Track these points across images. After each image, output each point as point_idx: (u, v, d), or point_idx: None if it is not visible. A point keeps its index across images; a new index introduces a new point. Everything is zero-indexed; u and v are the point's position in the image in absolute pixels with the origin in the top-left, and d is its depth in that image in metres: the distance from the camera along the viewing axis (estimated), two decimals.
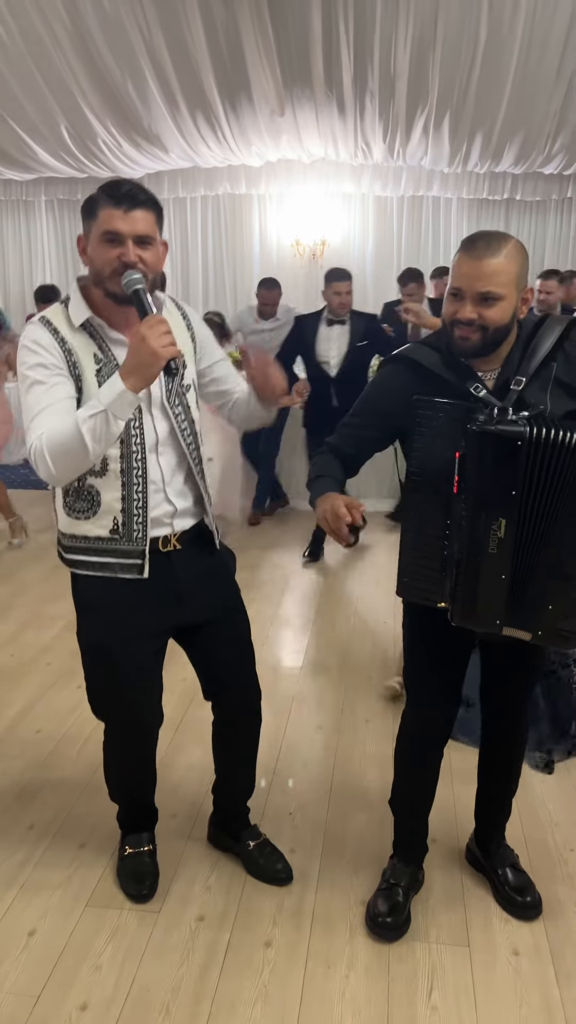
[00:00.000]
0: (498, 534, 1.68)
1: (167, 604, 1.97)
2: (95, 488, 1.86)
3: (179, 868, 2.30)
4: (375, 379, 1.97)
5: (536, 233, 7.31)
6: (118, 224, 1.69)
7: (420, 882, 2.22)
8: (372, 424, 1.92)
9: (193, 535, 2.00)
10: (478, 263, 1.67)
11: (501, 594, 1.73)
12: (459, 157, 6.22)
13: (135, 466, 1.85)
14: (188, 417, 1.94)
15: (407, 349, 1.89)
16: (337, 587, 4.60)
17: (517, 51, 4.95)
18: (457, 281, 1.70)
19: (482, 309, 1.69)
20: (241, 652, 2.16)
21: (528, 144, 5.93)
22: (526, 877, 2.21)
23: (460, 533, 1.71)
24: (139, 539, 1.89)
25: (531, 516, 1.68)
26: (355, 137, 6.07)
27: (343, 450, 1.97)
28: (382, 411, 1.89)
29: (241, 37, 5.02)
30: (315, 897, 2.21)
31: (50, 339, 1.78)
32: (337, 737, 3.01)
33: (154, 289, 1.79)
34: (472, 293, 1.68)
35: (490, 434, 1.64)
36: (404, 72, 5.20)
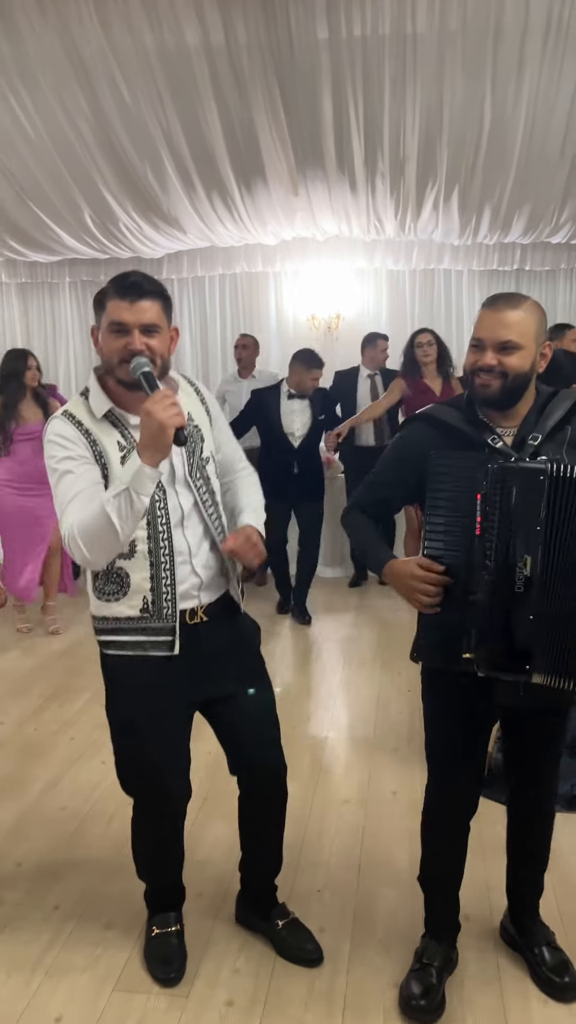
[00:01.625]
0: (524, 571, 1.68)
1: (196, 678, 1.98)
2: (124, 570, 1.90)
3: (207, 949, 2.25)
4: (397, 438, 2.02)
5: (547, 302, 7.43)
6: (124, 315, 1.78)
7: (454, 962, 2.15)
8: (395, 482, 1.97)
9: (219, 606, 2.03)
10: (498, 314, 1.77)
11: (530, 635, 1.70)
12: (468, 230, 6.40)
13: (162, 545, 1.89)
14: (209, 488, 1.99)
15: (428, 408, 1.97)
16: (358, 655, 4.57)
17: (521, 133, 5.14)
18: (479, 332, 1.80)
19: (502, 357, 1.77)
20: (266, 726, 2.14)
21: (535, 216, 6.10)
22: (563, 955, 2.13)
23: (484, 576, 1.71)
24: (169, 616, 1.92)
25: (558, 553, 1.69)
26: (367, 214, 6.27)
27: (370, 508, 2.02)
28: (404, 468, 1.93)
29: (255, 124, 5.26)
30: (346, 979, 2.15)
31: (75, 432, 1.86)
32: (364, 811, 2.96)
33: (163, 374, 1.87)
34: (492, 342, 1.77)
35: (512, 470, 1.69)
36: (413, 154, 5.41)
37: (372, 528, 2.01)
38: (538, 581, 1.68)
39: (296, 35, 4.65)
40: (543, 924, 2.20)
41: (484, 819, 2.23)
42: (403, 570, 1.81)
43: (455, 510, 1.75)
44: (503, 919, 2.29)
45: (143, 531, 1.88)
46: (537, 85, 4.86)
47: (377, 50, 4.72)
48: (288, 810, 2.26)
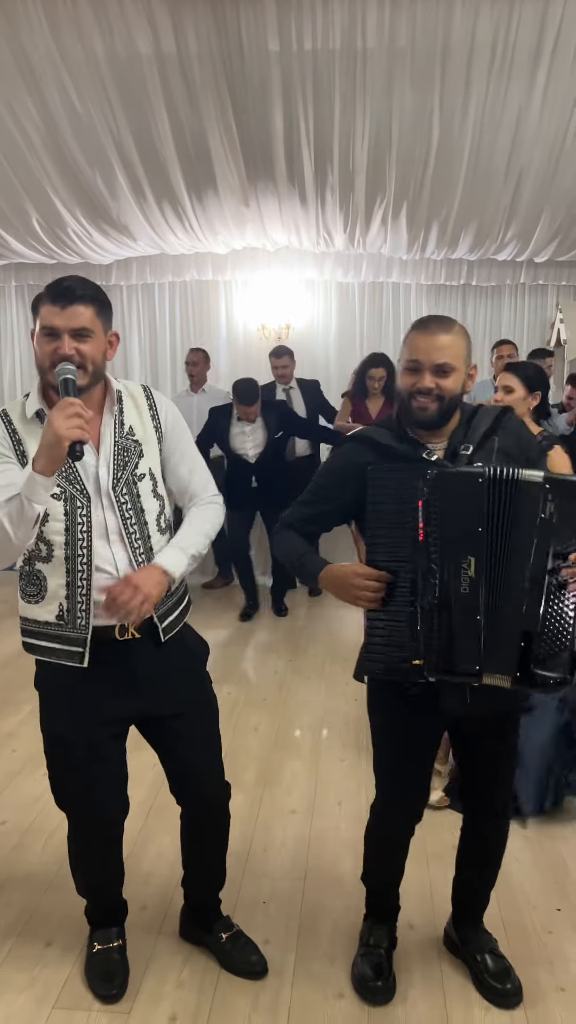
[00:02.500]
0: (468, 572, 1.71)
1: (121, 693, 1.93)
2: (42, 573, 1.88)
3: (150, 964, 2.22)
4: (329, 459, 2.06)
5: (492, 317, 7.59)
6: (55, 320, 1.75)
7: (395, 939, 2.22)
8: (328, 499, 1.98)
9: (153, 625, 1.95)
10: (434, 338, 1.81)
11: (477, 636, 1.72)
12: (417, 245, 6.49)
13: (79, 553, 1.85)
14: (137, 508, 1.89)
15: (360, 430, 2.01)
16: (306, 666, 4.58)
17: (468, 151, 5.25)
18: (415, 355, 1.82)
19: (439, 379, 1.81)
20: (207, 750, 2.10)
21: (482, 233, 6.22)
22: (505, 962, 2.16)
23: (430, 581, 1.73)
24: (82, 627, 1.88)
25: (500, 552, 1.72)
26: (317, 227, 6.32)
27: (301, 528, 2.02)
28: (336, 487, 1.96)
29: (206, 133, 5.27)
30: (291, 991, 2.14)
31: (3, 430, 1.85)
32: (310, 822, 2.95)
33: (97, 381, 1.84)
34: (430, 364, 1.80)
35: (450, 475, 1.74)
36: (362, 168, 5.47)
37: (304, 542, 2.01)
38: (483, 581, 1.72)
39: (247, 46, 4.68)
40: (486, 931, 2.23)
41: (427, 824, 2.24)
42: (341, 571, 1.83)
43: (396, 521, 1.76)
44: (446, 926, 2.31)
45: (60, 537, 1.83)
46: (483, 104, 4.97)
47: (327, 64, 4.78)
48: (234, 821, 2.25)
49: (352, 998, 2.11)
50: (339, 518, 2.05)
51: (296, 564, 1.99)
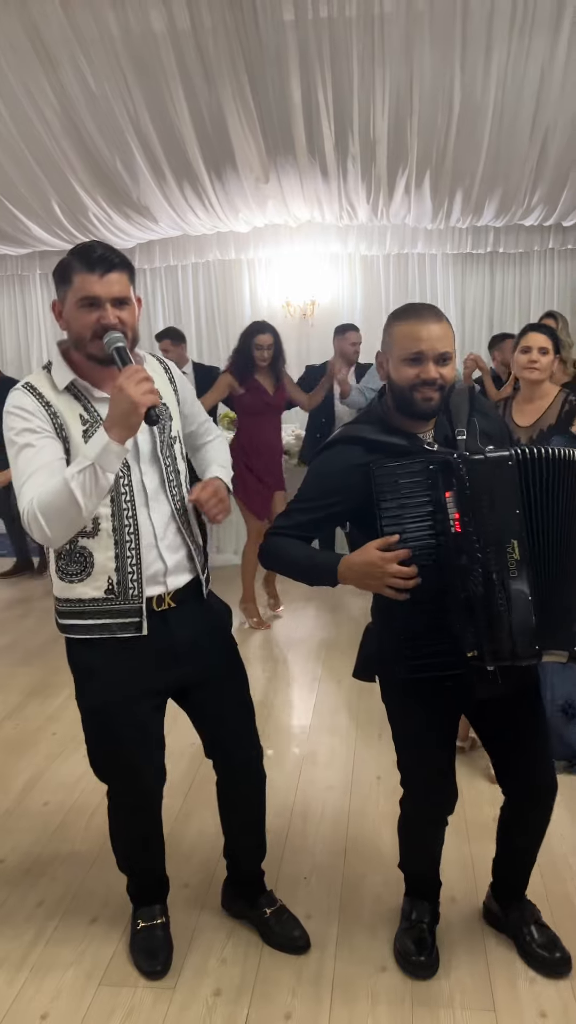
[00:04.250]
0: (514, 556, 1.68)
1: (165, 663, 1.96)
2: (87, 549, 1.87)
3: (193, 940, 2.25)
4: (319, 465, 1.94)
5: (521, 284, 7.45)
6: (95, 288, 1.73)
7: (438, 913, 2.21)
8: (326, 506, 1.90)
9: (187, 592, 2.00)
10: (430, 327, 1.78)
11: (531, 617, 1.69)
12: (441, 214, 6.37)
13: (127, 523, 1.86)
14: (175, 468, 1.95)
15: (345, 430, 1.94)
16: (337, 644, 4.57)
17: (491, 115, 5.12)
18: (417, 345, 1.78)
19: (441, 369, 1.79)
20: (240, 710, 2.14)
21: (507, 198, 6.08)
22: (552, 933, 2.15)
23: (475, 569, 1.69)
24: (135, 596, 1.90)
25: (541, 531, 1.70)
26: (339, 200, 6.23)
27: (296, 536, 1.92)
28: (334, 493, 1.87)
29: (224, 109, 5.20)
30: (334, 964, 2.15)
31: (35, 403, 1.80)
32: (349, 797, 2.96)
33: (133, 346, 1.83)
34: (433, 355, 1.78)
35: (481, 461, 1.68)
36: (383, 137, 5.36)
37: (304, 544, 1.91)
38: (529, 562, 1.69)
39: (262, 17, 4.59)
40: (529, 902, 2.21)
41: (467, 798, 2.23)
42: (363, 559, 1.72)
43: (419, 515, 1.73)
44: (486, 900, 2.30)
45: (107, 508, 1.84)
46: (505, 67, 4.84)
47: (344, 32, 4.68)
48: (272, 799, 2.26)
49: (395, 971, 2.11)
50: (336, 523, 2.02)
51: (306, 566, 1.88)
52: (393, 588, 1.71)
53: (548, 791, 2.03)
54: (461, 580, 1.70)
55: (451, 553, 1.71)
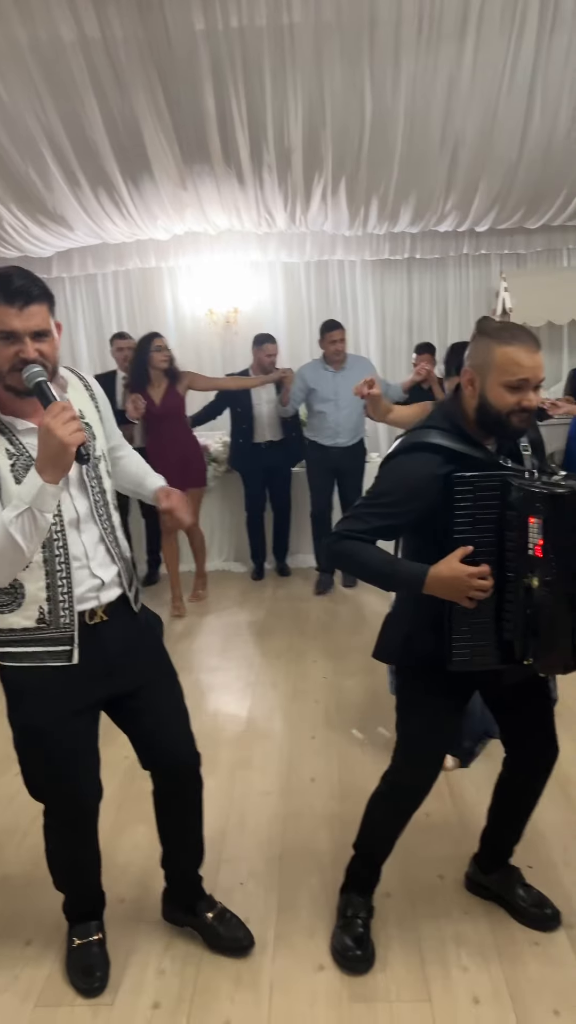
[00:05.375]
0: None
1: (97, 678, 1.95)
2: (18, 580, 1.84)
3: (131, 954, 2.23)
4: (400, 469, 1.95)
5: (438, 289, 7.61)
6: (13, 322, 1.71)
7: (373, 908, 2.27)
8: (405, 513, 1.92)
9: (118, 604, 1.99)
10: (536, 355, 1.84)
11: (574, 632, 1.85)
12: (358, 220, 6.47)
13: (57, 552, 1.85)
14: (101, 488, 1.95)
15: (428, 435, 1.93)
16: (272, 646, 4.59)
17: (402, 123, 5.23)
18: (523, 373, 1.82)
19: (537, 395, 1.87)
20: (175, 716, 2.13)
21: (422, 205, 6.21)
22: (538, 891, 2.31)
23: (547, 590, 1.79)
24: (66, 624, 1.88)
25: None
26: (257, 207, 6.26)
27: (368, 538, 1.94)
28: (414, 500, 1.90)
29: (138, 119, 5.18)
30: (272, 966, 2.16)
31: None
32: (284, 801, 2.98)
33: (53, 376, 1.80)
34: (535, 383, 1.85)
35: (568, 495, 1.77)
36: (298, 145, 5.42)
37: (379, 549, 1.95)
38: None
39: (172, 27, 4.60)
40: (514, 867, 2.35)
41: None
42: (454, 572, 1.81)
43: (488, 530, 1.83)
44: (470, 873, 2.42)
45: None
46: (414, 75, 4.95)
47: (255, 41, 4.72)
48: (208, 805, 2.26)
49: (333, 969, 2.14)
50: (408, 528, 2.01)
51: (387, 572, 1.92)
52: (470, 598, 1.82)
53: (553, 759, 2.17)
54: (527, 597, 1.81)
55: (522, 571, 1.80)
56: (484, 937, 2.23)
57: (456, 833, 2.68)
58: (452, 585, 1.81)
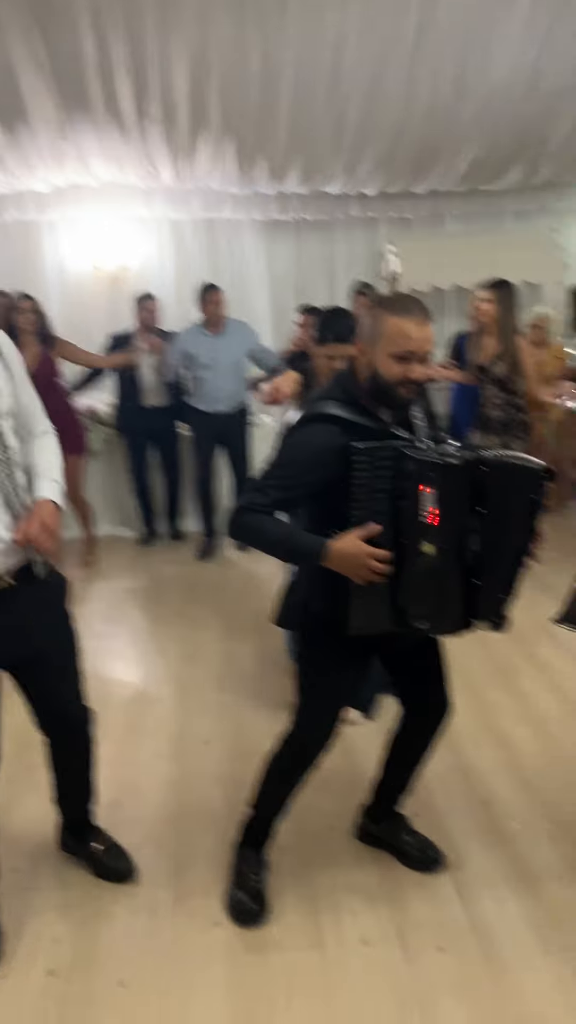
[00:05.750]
0: (473, 548, 1.89)
1: (4, 641, 1.95)
2: None
3: (24, 924, 2.21)
4: (298, 441, 1.97)
5: (325, 251, 7.62)
6: None
7: (268, 864, 2.34)
8: (306, 484, 1.94)
9: (24, 569, 1.96)
10: (423, 328, 1.88)
11: (478, 599, 1.94)
12: (247, 179, 6.38)
13: None
14: (3, 445, 1.90)
15: (325, 406, 1.95)
16: (163, 611, 4.58)
17: (289, 80, 5.15)
18: (409, 345, 1.86)
19: (424, 368, 1.91)
20: (74, 678, 2.19)
21: (310, 165, 6.17)
22: (424, 836, 2.44)
23: (440, 556, 1.84)
24: None
25: (494, 526, 1.90)
26: (142, 160, 6.08)
27: (270, 512, 1.95)
28: (315, 471, 1.91)
29: (13, 65, 4.91)
30: (169, 927, 2.19)
31: None
32: (178, 763, 3.00)
33: None
34: (422, 355, 1.88)
35: (462, 467, 1.82)
36: (183, 98, 5.27)
37: (281, 522, 1.98)
38: (482, 554, 1.90)
39: None
40: (401, 815, 2.46)
41: None
42: (352, 550, 1.85)
43: (386, 499, 1.86)
44: (361, 823, 2.51)
45: None
46: (300, 34, 4.88)
47: None
48: (101, 771, 2.30)
49: (228, 925, 2.20)
50: (308, 499, 2.02)
51: (288, 546, 1.95)
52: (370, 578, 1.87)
53: (446, 711, 2.27)
54: (422, 563, 1.85)
55: (417, 539, 1.85)
56: (373, 883, 2.33)
57: (347, 785, 2.77)
58: (351, 562, 1.86)
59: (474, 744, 3.04)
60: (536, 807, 2.65)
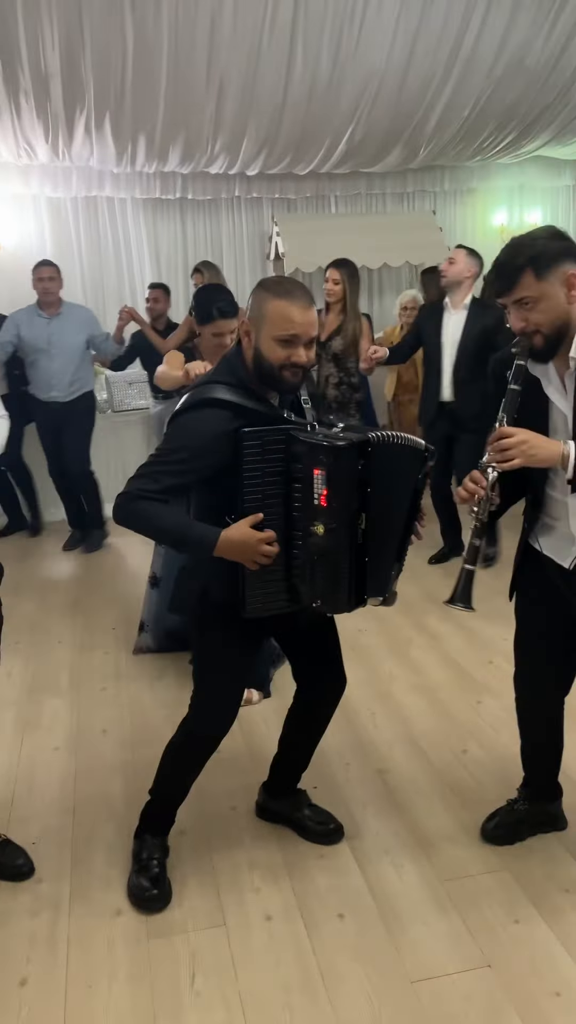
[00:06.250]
0: (361, 527, 1.91)
1: None
2: None
3: None
4: (187, 426, 1.94)
5: (211, 231, 7.54)
6: None
7: (168, 848, 2.33)
8: (197, 469, 1.93)
9: None
10: (306, 312, 1.88)
11: (367, 577, 1.96)
12: (126, 157, 6.22)
13: None
14: None
15: (214, 390, 1.93)
16: (57, 602, 4.48)
17: (166, 58, 5.05)
18: (292, 328, 1.87)
19: (308, 352, 1.92)
20: None
21: (190, 145, 6.08)
22: (323, 809, 2.48)
23: (331, 537, 1.86)
24: None
25: (381, 506, 1.92)
26: (15, 136, 5.84)
27: (163, 499, 1.92)
28: (206, 456, 1.90)
29: None
30: (68, 920, 2.16)
31: None
32: (75, 755, 2.95)
33: None
34: (305, 339, 1.88)
35: (349, 447, 1.83)
36: (56, 72, 5.09)
37: (174, 510, 1.94)
38: (370, 532, 1.91)
39: None
40: (301, 790, 2.50)
41: None
42: (244, 537, 1.86)
43: (277, 483, 1.88)
44: (260, 801, 2.55)
45: None
46: (176, 10, 4.79)
47: None
48: None
49: (131, 913, 2.18)
50: (198, 483, 2.00)
51: (180, 536, 1.94)
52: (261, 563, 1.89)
53: (342, 687, 2.32)
54: (314, 544, 1.87)
55: (308, 520, 1.86)
56: (274, 858, 2.37)
57: (247, 764, 2.80)
58: (241, 549, 1.88)
59: (369, 715, 3.12)
60: (430, 773, 2.75)
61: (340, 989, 1.92)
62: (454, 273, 4.29)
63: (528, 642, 2.24)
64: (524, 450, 1.80)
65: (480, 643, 3.70)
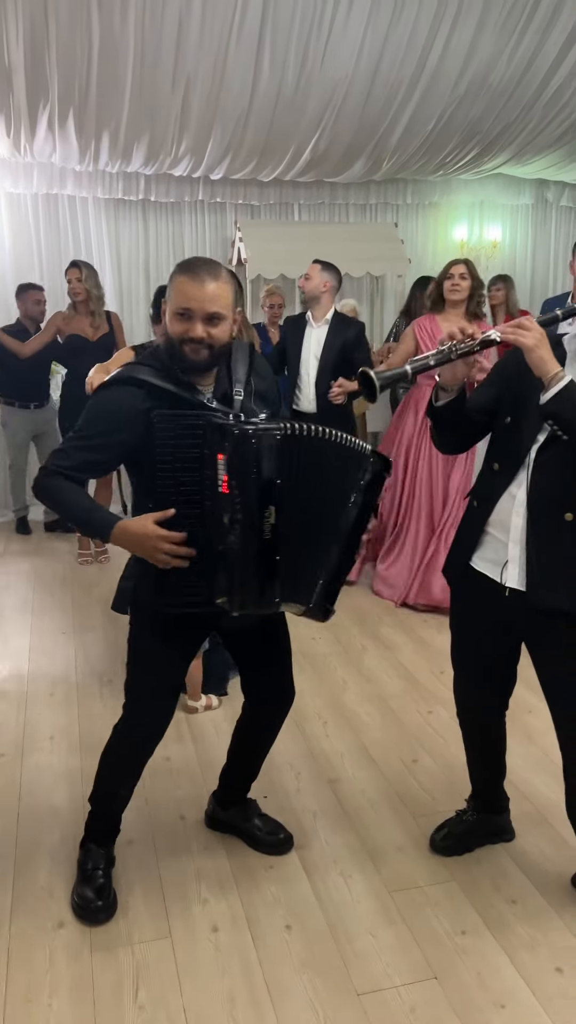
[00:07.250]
0: (270, 521, 1.83)
1: None
2: None
3: None
4: (101, 402, 1.93)
5: (174, 234, 7.49)
6: None
7: (114, 858, 2.28)
8: (109, 447, 1.91)
9: None
10: (204, 286, 1.82)
11: (276, 574, 1.87)
12: (89, 155, 6.16)
13: None
14: None
15: (130, 370, 1.92)
16: (9, 603, 4.39)
17: (132, 55, 5.01)
18: (185, 302, 1.83)
19: (209, 328, 1.85)
20: None
21: (155, 145, 6.04)
22: (273, 819, 2.45)
23: (236, 528, 1.80)
24: None
25: (295, 500, 1.86)
26: None
27: (75, 475, 1.92)
28: (117, 433, 1.88)
29: None
30: (9, 932, 2.11)
31: None
32: (22, 761, 2.88)
33: None
34: (201, 314, 1.83)
35: (253, 432, 1.78)
36: (20, 66, 5.02)
37: (83, 492, 1.94)
38: (282, 527, 1.84)
39: None
40: (251, 799, 2.46)
41: None
42: (141, 531, 1.82)
43: (192, 469, 1.82)
44: (209, 811, 2.50)
45: None
46: (142, 9, 4.76)
47: None
48: None
49: (74, 924, 2.13)
50: (113, 465, 2.00)
51: (83, 517, 1.94)
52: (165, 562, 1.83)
53: (291, 698, 2.28)
54: (219, 535, 1.81)
55: (218, 510, 1.81)
56: (223, 869, 2.34)
57: (196, 774, 2.77)
58: (138, 542, 1.84)
59: (321, 723, 3.11)
60: (380, 783, 2.75)
61: (286, 1002, 1.90)
62: (311, 288, 4.37)
63: (462, 650, 2.25)
64: (538, 339, 1.81)
65: (432, 653, 3.72)
